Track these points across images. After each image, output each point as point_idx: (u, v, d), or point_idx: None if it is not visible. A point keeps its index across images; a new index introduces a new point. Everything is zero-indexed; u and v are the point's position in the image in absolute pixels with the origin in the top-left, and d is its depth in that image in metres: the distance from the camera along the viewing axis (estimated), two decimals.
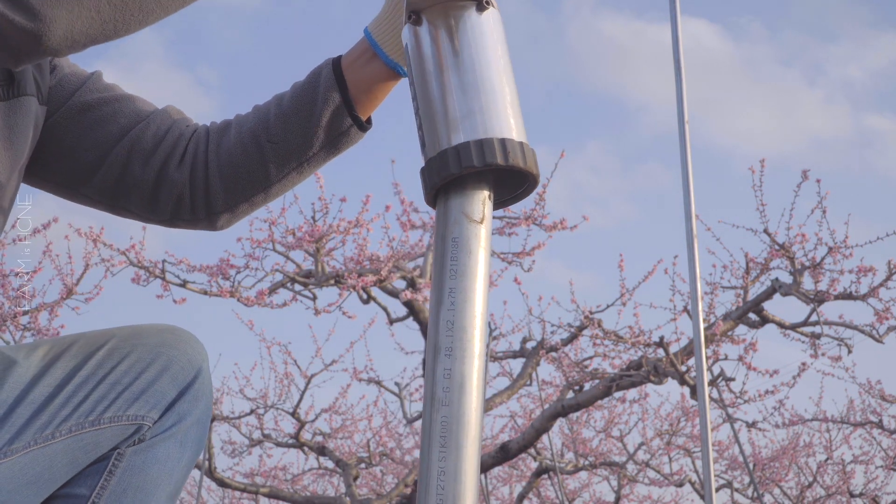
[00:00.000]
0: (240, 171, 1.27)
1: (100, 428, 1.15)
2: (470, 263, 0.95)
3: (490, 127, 0.96)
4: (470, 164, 0.94)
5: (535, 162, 0.98)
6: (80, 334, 1.21)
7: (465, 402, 0.91)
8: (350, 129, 1.26)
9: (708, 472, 3.87)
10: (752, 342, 6.04)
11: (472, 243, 0.96)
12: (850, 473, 9.66)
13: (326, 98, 1.24)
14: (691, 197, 4.06)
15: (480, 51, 1.00)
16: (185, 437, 1.20)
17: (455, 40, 1.00)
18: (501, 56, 1.02)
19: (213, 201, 1.29)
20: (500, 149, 0.95)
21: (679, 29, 4.14)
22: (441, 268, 0.95)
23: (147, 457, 1.18)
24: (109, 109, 1.28)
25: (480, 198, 0.97)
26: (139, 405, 1.17)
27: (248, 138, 1.27)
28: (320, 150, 1.27)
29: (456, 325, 0.93)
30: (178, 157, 1.28)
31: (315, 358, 7.66)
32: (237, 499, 11.46)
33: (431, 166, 0.97)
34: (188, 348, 1.22)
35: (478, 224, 0.96)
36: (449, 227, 0.96)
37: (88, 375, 1.16)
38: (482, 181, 0.97)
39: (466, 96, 0.98)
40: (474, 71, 0.99)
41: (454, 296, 0.94)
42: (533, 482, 8.32)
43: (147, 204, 1.29)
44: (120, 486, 1.17)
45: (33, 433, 1.11)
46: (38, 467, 1.11)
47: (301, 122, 1.25)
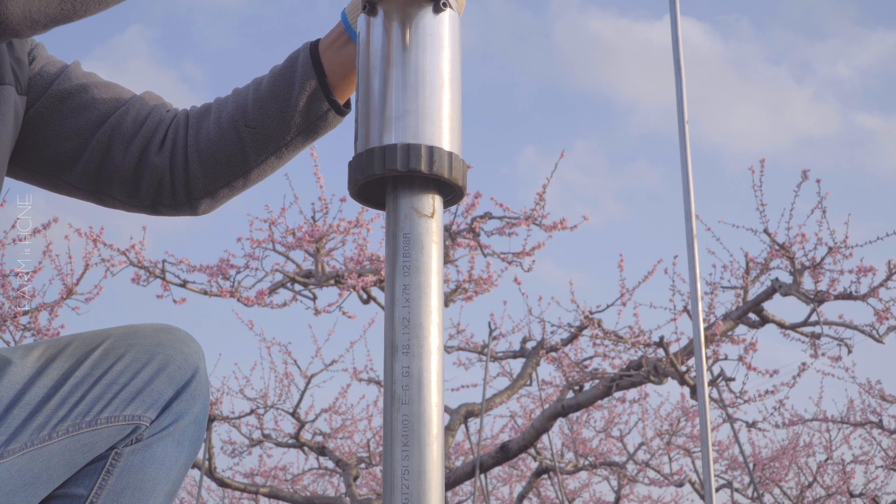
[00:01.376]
0: (219, 156, 1.27)
1: (96, 428, 1.15)
2: (423, 259, 0.94)
3: (422, 132, 0.95)
4: (393, 168, 0.93)
5: (462, 174, 0.96)
6: (75, 335, 1.21)
7: (425, 400, 0.91)
8: (328, 113, 1.26)
9: (708, 472, 3.87)
10: (752, 342, 6.04)
11: (423, 238, 0.95)
12: (850, 473, 9.66)
13: (304, 82, 1.24)
14: (691, 197, 4.05)
15: (429, 52, 0.98)
16: (182, 436, 1.20)
17: (406, 37, 0.98)
18: (450, 60, 1.00)
19: (194, 186, 1.29)
20: (427, 157, 0.94)
21: (679, 29, 4.14)
22: (393, 265, 0.95)
23: (145, 456, 1.18)
24: (88, 96, 1.29)
25: (430, 195, 0.96)
26: (136, 405, 1.17)
27: (227, 123, 1.27)
28: (298, 134, 1.26)
29: (412, 321, 0.92)
30: (159, 143, 1.29)
31: (315, 358, 7.66)
32: (237, 499, 11.46)
33: (358, 162, 0.96)
34: (184, 348, 1.22)
35: (428, 219, 0.95)
36: (399, 223, 0.95)
37: (85, 376, 1.16)
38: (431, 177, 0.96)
39: (405, 96, 0.96)
40: (418, 72, 0.97)
41: (409, 292, 0.93)
42: (533, 482, 8.31)
43: (129, 190, 1.30)
44: (118, 486, 1.17)
45: (30, 434, 1.11)
46: (36, 468, 1.11)
47: (278, 106, 1.25)
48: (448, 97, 0.98)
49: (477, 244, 6.31)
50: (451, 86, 0.99)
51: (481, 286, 6.57)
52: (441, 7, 0.99)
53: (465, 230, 6.23)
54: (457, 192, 0.98)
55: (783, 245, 5.66)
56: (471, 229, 6.23)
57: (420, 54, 0.98)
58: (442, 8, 0.99)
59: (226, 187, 1.30)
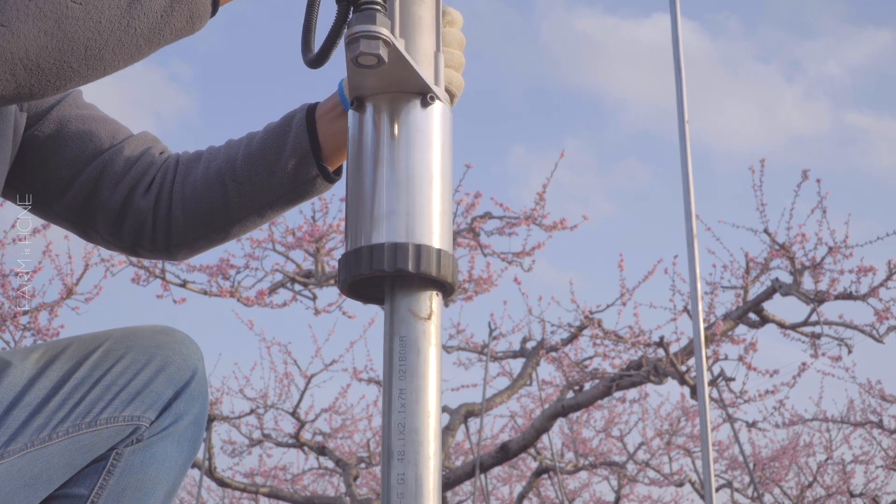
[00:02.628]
0: (201, 207, 1.25)
1: (96, 429, 1.16)
2: (419, 363, 0.92)
3: (410, 231, 0.94)
4: (380, 268, 0.92)
5: (452, 271, 0.95)
6: (74, 337, 1.22)
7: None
8: (315, 179, 1.23)
9: (708, 472, 3.87)
10: (752, 342, 6.04)
11: (420, 342, 0.93)
12: (850, 473, 9.66)
13: (295, 145, 1.22)
14: (691, 197, 4.06)
15: (418, 148, 0.97)
16: (182, 436, 1.21)
17: (395, 134, 0.97)
18: (440, 154, 0.98)
19: (173, 233, 1.28)
20: (414, 255, 0.92)
21: (679, 29, 4.14)
22: (390, 368, 0.93)
23: (145, 456, 1.19)
24: (86, 128, 1.28)
25: (428, 294, 0.95)
26: (135, 406, 1.18)
27: (214, 174, 1.25)
28: (283, 195, 1.24)
29: (407, 427, 0.90)
30: (146, 185, 1.27)
31: (315, 358, 7.67)
32: (237, 499, 11.46)
33: (347, 261, 0.95)
34: (183, 349, 1.22)
35: (426, 321, 0.94)
36: (395, 326, 0.94)
37: (84, 377, 1.17)
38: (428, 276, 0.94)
39: (394, 194, 0.95)
40: (407, 169, 0.96)
41: (404, 397, 0.91)
42: (533, 482, 8.31)
43: (111, 228, 1.29)
44: (119, 486, 1.18)
45: (30, 435, 1.11)
46: (36, 469, 1.11)
47: (267, 165, 1.23)
48: (437, 193, 0.97)
49: (477, 244, 6.31)
50: (440, 181, 0.97)
51: (481, 286, 6.57)
52: (429, 101, 0.98)
53: (465, 230, 6.23)
54: (447, 286, 0.97)
55: (783, 245, 5.66)
56: (471, 229, 6.23)
57: (409, 150, 0.97)
58: (430, 102, 0.98)
59: (204, 238, 1.28)
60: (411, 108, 0.98)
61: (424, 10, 1.01)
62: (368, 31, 0.91)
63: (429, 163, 0.97)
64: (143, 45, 0.90)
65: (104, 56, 0.88)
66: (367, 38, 0.91)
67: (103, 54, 0.88)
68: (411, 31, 0.99)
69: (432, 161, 0.97)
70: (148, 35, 0.89)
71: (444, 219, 0.97)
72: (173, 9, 0.90)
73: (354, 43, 0.91)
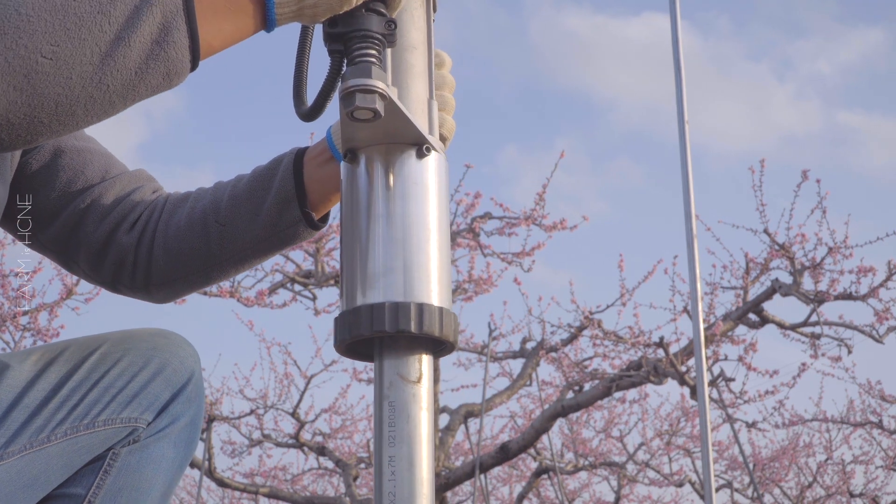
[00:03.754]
0: (183, 247, 1.23)
1: (94, 431, 1.16)
2: (409, 429, 0.90)
3: (409, 289, 0.91)
4: (381, 329, 0.89)
5: (453, 329, 0.93)
6: (72, 340, 1.23)
7: None
8: (298, 224, 1.20)
9: (708, 472, 3.87)
10: (751, 342, 6.04)
11: (410, 407, 0.90)
12: (850, 473, 9.66)
13: (280, 188, 1.20)
14: (691, 197, 4.06)
15: (414, 202, 0.94)
16: (178, 437, 1.23)
17: (389, 188, 0.94)
18: (437, 207, 0.95)
19: (153, 272, 1.26)
20: (416, 315, 0.89)
21: (679, 30, 4.14)
22: (380, 434, 0.90)
23: (142, 457, 1.20)
24: (81, 159, 1.27)
25: (416, 356, 0.91)
26: (133, 408, 1.19)
27: (199, 215, 1.23)
28: (266, 239, 1.21)
29: (398, 496, 0.88)
30: (131, 222, 1.26)
31: (315, 358, 7.70)
32: (237, 499, 11.46)
33: (344, 321, 0.92)
34: (180, 351, 1.23)
35: (415, 384, 0.91)
36: (384, 391, 0.91)
37: (82, 380, 1.17)
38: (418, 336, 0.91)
39: (390, 251, 0.92)
40: (403, 225, 0.93)
41: (394, 465, 0.89)
42: (533, 482, 8.31)
43: (93, 262, 1.27)
44: (115, 486, 1.19)
45: (28, 437, 1.12)
46: (34, 470, 1.12)
47: (252, 207, 1.21)
48: (436, 248, 0.94)
49: (477, 244, 6.31)
50: (438, 235, 0.94)
51: (481, 286, 6.57)
52: (424, 152, 0.95)
53: (465, 230, 6.23)
54: (447, 346, 0.93)
55: (783, 245, 5.66)
56: (471, 229, 6.23)
57: (405, 204, 0.93)
58: (426, 153, 0.95)
59: (183, 280, 1.26)
60: (406, 160, 0.95)
61: (416, 57, 0.98)
62: (364, 85, 0.88)
63: (425, 217, 0.94)
64: (116, 102, 0.86)
65: (76, 112, 0.84)
66: (362, 91, 0.88)
67: (75, 110, 0.84)
68: (404, 79, 0.97)
69: (429, 215, 0.94)
70: (122, 92, 0.85)
71: (443, 274, 0.94)
72: (148, 66, 0.85)
73: (350, 97, 0.89)
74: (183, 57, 0.86)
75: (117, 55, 0.83)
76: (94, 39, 0.82)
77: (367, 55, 0.91)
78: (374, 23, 0.93)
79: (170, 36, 0.85)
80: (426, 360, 0.92)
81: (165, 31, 0.85)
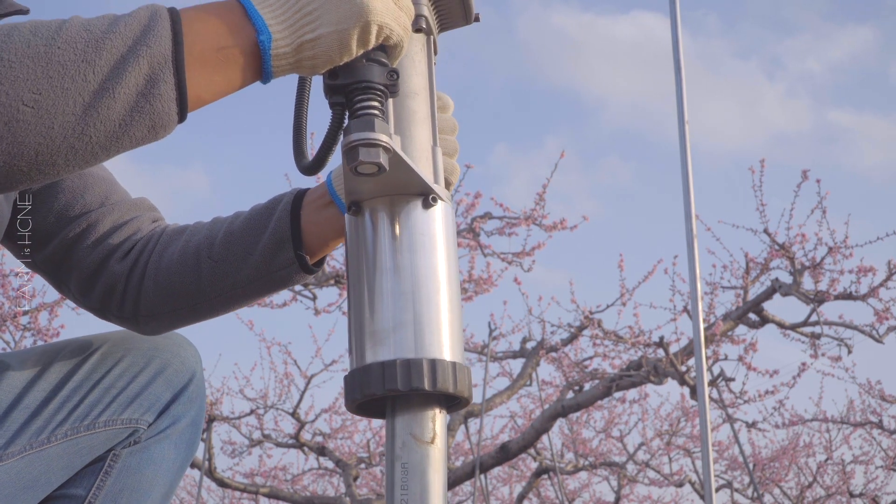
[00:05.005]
0: (173, 280, 1.21)
1: (95, 432, 1.16)
2: (421, 491, 0.87)
3: (420, 345, 0.88)
4: (394, 388, 0.86)
5: (467, 384, 0.89)
6: (72, 339, 1.22)
7: None
8: (290, 267, 1.17)
9: (708, 472, 3.87)
10: (751, 342, 6.04)
11: (424, 467, 0.87)
12: (850, 473, 9.66)
13: (276, 229, 1.17)
14: (691, 197, 4.06)
15: (422, 254, 0.91)
16: (179, 438, 1.22)
17: (395, 240, 0.91)
18: (446, 258, 0.92)
19: (142, 303, 1.23)
20: (430, 372, 0.86)
21: (679, 29, 4.14)
22: (392, 497, 0.87)
23: (142, 458, 1.19)
24: (81, 183, 1.25)
25: (430, 414, 0.88)
26: (133, 409, 1.18)
27: (192, 250, 1.21)
28: (257, 279, 1.18)
29: None
30: (125, 251, 1.24)
31: (315, 358, 7.70)
32: (237, 499, 11.45)
33: (354, 380, 0.89)
34: (181, 351, 1.23)
35: (428, 445, 0.88)
36: (396, 451, 0.88)
37: (83, 380, 1.17)
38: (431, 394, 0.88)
39: (400, 305, 0.89)
40: (412, 278, 0.90)
41: None
42: (533, 482, 8.31)
43: (83, 288, 1.25)
44: (116, 487, 1.18)
45: (29, 438, 1.12)
46: (35, 471, 1.12)
47: (246, 246, 1.18)
48: (446, 301, 0.90)
49: (477, 244, 6.31)
50: (448, 287, 0.91)
51: (481, 286, 6.57)
52: (431, 202, 0.92)
53: (465, 230, 6.23)
54: (462, 401, 0.90)
55: (783, 245, 5.66)
56: (471, 229, 6.23)
57: (413, 257, 0.90)
58: (432, 203, 0.92)
59: (171, 314, 1.23)
60: (412, 211, 0.92)
61: (419, 103, 0.96)
62: (368, 139, 0.86)
63: (434, 268, 0.91)
64: (99, 153, 0.83)
65: (56, 161, 0.82)
66: (366, 146, 0.86)
67: (55, 160, 0.82)
68: (407, 127, 0.94)
69: (438, 266, 0.91)
70: (104, 143, 0.83)
71: (455, 327, 0.91)
72: (133, 118, 0.82)
73: (353, 152, 0.86)
74: (169, 110, 0.83)
75: (100, 106, 0.80)
76: (77, 89, 0.80)
77: (370, 107, 0.88)
78: (375, 73, 0.90)
79: (156, 88, 0.82)
80: (440, 417, 0.89)
81: (152, 84, 0.82)
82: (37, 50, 0.79)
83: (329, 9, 0.86)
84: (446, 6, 1.01)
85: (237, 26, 0.86)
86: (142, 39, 0.81)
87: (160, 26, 0.82)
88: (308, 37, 0.86)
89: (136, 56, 0.81)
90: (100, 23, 0.82)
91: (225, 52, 0.85)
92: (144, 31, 0.82)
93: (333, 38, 0.86)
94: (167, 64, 0.82)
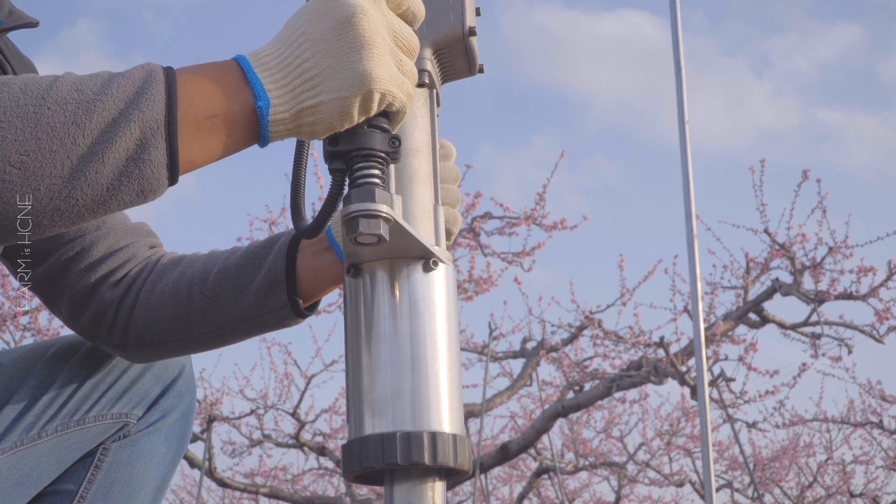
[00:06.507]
0: (164, 312, 1.19)
1: (85, 427, 1.17)
2: None
3: (419, 417, 0.86)
4: (393, 462, 0.84)
5: (468, 457, 0.88)
6: (63, 336, 1.23)
7: None
8: (282, 310, 1.15)
9: (708, 472, 3.87)
10: (752, 342, 6.04)
11: None
12: (850, 473, 9.66)
13: (271, 270, 1.15)
14: (691, 197, 4.06)
15: (422, 319, 0.89)
16: (169, 432, 1.23)
17: (395, 305, 0.89)
18: (445, 325, 0.90)
19: (131, 331, 1.21)
20: (430, 446, 0.84)
21: (679, 29, 4.14)
22: None
23: (132, 451, 1.20)
24: None
25: (429, 485, 0.86)
26: (123, 403, 1.19)
27: (185, 283, 1.19)
28: (248, 319, 1.16)
29: None
30: (118, 277, 1.22)
31: (315, 358, 7.69)
32: (237, 499, 11.46)
33: (353, 450, 0.87)
34: None
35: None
36: None
37: (72, 376, 1.18)
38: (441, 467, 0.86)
39: (399, 374, 0.87)
40: (412, 345, 0.88)
41: None
42: (533, 482, 8.31)
43: (73, 311, 1.23)
44: (107, 481, 1.19)
45: (19, 434, 1.12)
46: (26, 468, 1.12)
47: (239, 285, 1.16)
48: (446, 370, 0.88)
49: (477, 244, 6.31)
50: (448, 355, 0.89)
51: (481, 286, 6.57)
52: (431, 266, 0.90)
53: (465, 230, 6.23)
54: (462, 473, 0.88)
55: (783, 245, 5.66)
56: (471, 229, 6.23)
57: (412, 323, 0.88)
58: (433, 267, 0.90)
59: (159, 345, 1.20)
60: (412, 274, 0.90)
61: (421, 161, 0.93)
62: (368, 211, 0.84)
63: (434, 335, 0.89)
64: (85, 215, 0.81)
65: (42, 223, 0.80)
66: (366, 217, 0.84)
67: (41, 221, 0.80)
68: (408, 186, 0.92)
69: (438, 333, 0.89)
70: (91, 206, 0.80)
71: (455, 398, 0.89)
72: (122, 183, 0.79)
73: (353, 222, 0.84)
74: (160, 176, 0.81)
75: (89, 170, 0.78)
76: (65, 152, 0.77)
77: (371, 176, 0.86)
78: (377, 140, 0.87)
79: (147, 154, 0.79)
80: (439, 488, 0.87)
81: (143, 149, 0.79)
82: (26, 110, 0.77)
83: (331, 75, 0.83)
84: (451, 59, 0.98)
85: (235, 91, 0.83)
86: (134, 103, 0.79)
87: (154, 89, 0.80)
88: (308, 103, 0.83)
89: (128, 120, 0.79)
90: (92, 82, 0.80)
91: (221, 117, 0.83)
92: (138, 94, 0.80)
93: (335, 106, 0.83)
94: (159, 129, 0.80)
